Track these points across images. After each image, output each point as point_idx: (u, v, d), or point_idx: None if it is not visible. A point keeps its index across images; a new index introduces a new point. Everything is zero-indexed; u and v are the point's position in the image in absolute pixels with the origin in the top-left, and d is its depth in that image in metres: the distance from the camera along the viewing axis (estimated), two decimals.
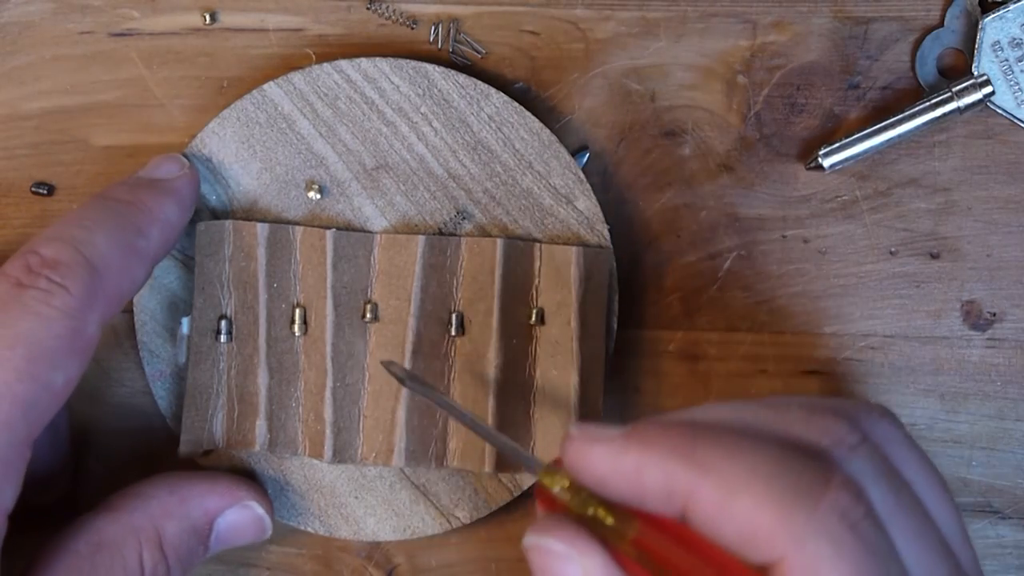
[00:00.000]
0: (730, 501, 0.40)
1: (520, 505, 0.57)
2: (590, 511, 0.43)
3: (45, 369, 0.46)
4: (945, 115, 0.55)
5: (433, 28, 0.57)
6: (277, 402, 0.55)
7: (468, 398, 0.55)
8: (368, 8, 0.57)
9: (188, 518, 0.52)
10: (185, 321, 0.55)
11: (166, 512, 0.51)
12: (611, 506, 0.43)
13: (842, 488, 0.40)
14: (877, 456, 0.43)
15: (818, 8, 0.57)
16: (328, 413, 0.55)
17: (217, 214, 0.55)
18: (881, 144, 0.55)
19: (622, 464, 0.42)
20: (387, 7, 0.57)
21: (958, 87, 0.55)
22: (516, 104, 0.55)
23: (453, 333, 0.55)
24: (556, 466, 0.44)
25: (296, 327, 0.55)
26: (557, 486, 0.44)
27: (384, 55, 0.56)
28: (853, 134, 0.55)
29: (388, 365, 0.53)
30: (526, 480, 0.55)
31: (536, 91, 0.57)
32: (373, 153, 0.55)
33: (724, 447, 0.41)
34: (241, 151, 0.55)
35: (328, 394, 0.55)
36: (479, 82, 0.55)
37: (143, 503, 0.51)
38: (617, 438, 0.42)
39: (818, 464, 0.41)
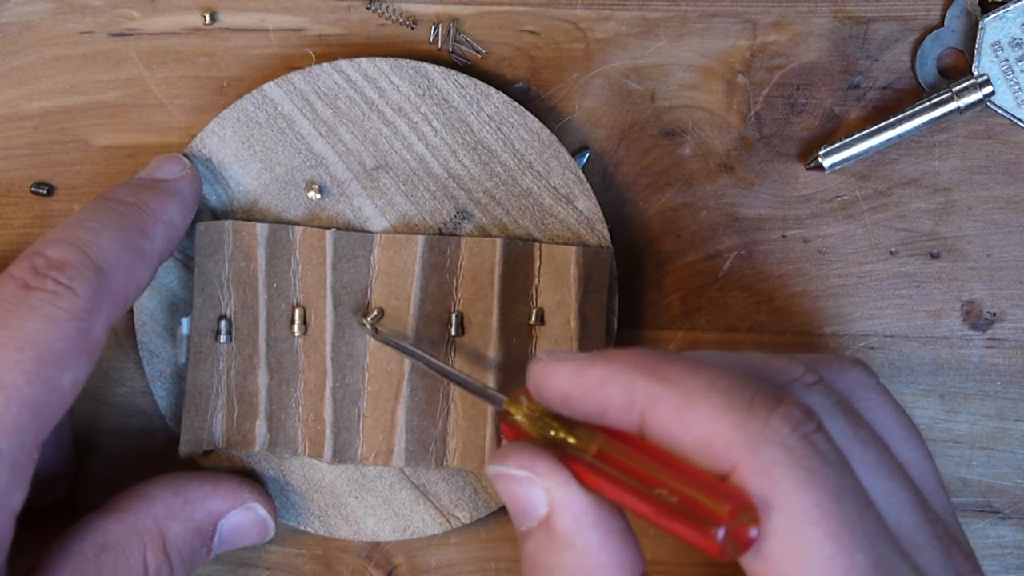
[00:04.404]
0: (688, 410, 0.41)
1: None
2: (552, 433, 0.44)
3: (54, 371, 0.46)
4: (945, 115, 0.55)
5: (433, 28, 0.57)
6: (277, 402, 0.55)
7: (468, 398, 0.55)
8: (368, 8, 0.57)
9: (192, 520, 0.52)
10: (185, 321, 0.55)
11: (170, 514, 0.51)
12: (573, 428, 0.44)
13: (794, 405, 0.41)
14: (834, 395, 0.44)
15: (818, 8, 0.57)
16: (328, 413, 0.55)
17: (217, 214, 0.55)
18: (881, 144, 0.56)
19: (586, 378, 0.43)
20: (387, 7, 0.57)
21: (958, 87, 0.55)
22: (516, 104, 0.55)
23: (453, 333, 0.55)
24: (520, 396, 0.46)
25: (296, 327, 0.55)
26: (520, 414, 0.45)
27: (384, 55, 0.55)
28: (853, 134, 0.55)
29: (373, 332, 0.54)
30: None
31: (536, 91, 0.57)
32: (373, 153, 0.55)
33: (685, 365, 0.42)
34: (241, 151, 0.55)
35: (328, 394, 0.55)
36: (479, 82, 0.55)
37: (147, 504, 0.51)
38: (582, 357, 0.44)
39: (772, 387, 0.42)
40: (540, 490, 0.44)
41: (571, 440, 0.44)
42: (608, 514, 0.44)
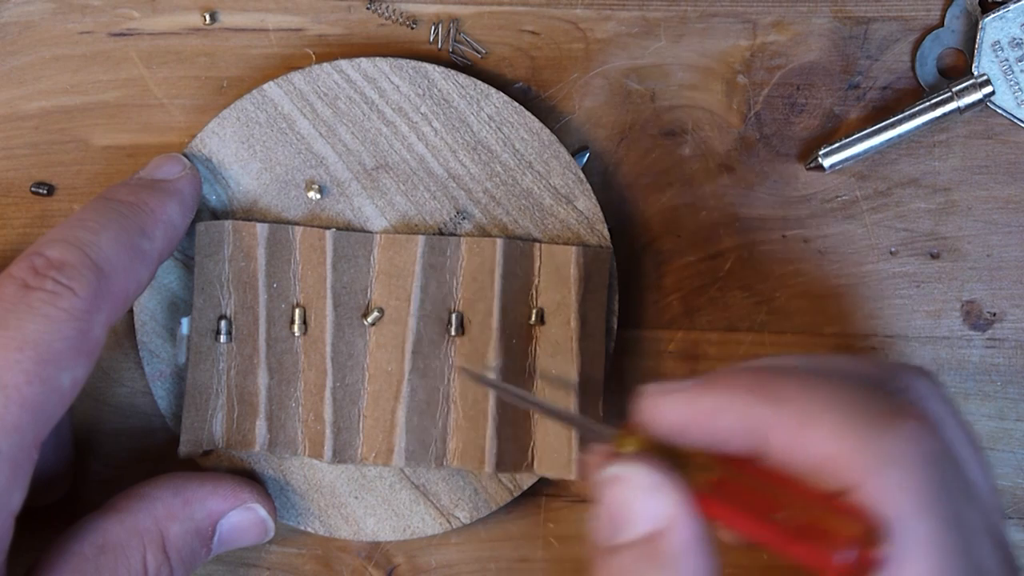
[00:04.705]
0: (806, 430, 0.40)
1: (520, 505, 0.57)
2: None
3: (53, 371, 0.46)
4: (945, 115, 0.55)
5: (433, 28, 0.57)
6: (277, 402, 0.55)
7: (468, 398, 0.55)
8: (368, 8, 0.57)
9: (191, 520, 0.52)
10: (185, 321, 0.55)
11: (170, 514, 0.51)
12: (687, 457, 0.43)
13: (916, 419, 0.40)
14: (944, 405, 0.44)
15: (818, 8, 0.57)
16: (328, 413, 0.55)
17: (217, 214, 0.55)
18: (881, 144, 0.56)
19: (698, 408, 0.42)
20: (387, 7, 0.57)
21: (958, 87, 0.55)
22: (516, 104, 0.55)
23: (453, 333, 0.55)
24: (629, 430, 0.44)
25: (296, 327, 0.55)
26: (633, 447, 0.44)
27: (384, 55, 0.56)
28: (853, 134, 0.56)
29: (464, 371, 0.54)
30: (526, 480, 0.55)
31: (536, 91, 0.57)
32: (373, 153, 0.55)
33: (797, 383, 0.42)
34: (241, 151, 0.55)
35: (328, 394, 0.55)
36: (479, 82, 0.55)
37: (147, 505, 0.51)
38: (691, 386, 0.43)
39: (891, 398, 0.42)
40: (658, 504, 0.42)
41: (687, 469, 0.43)
42: (713, 551, 0.43)
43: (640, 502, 0.43)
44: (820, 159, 0.55)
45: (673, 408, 0.43)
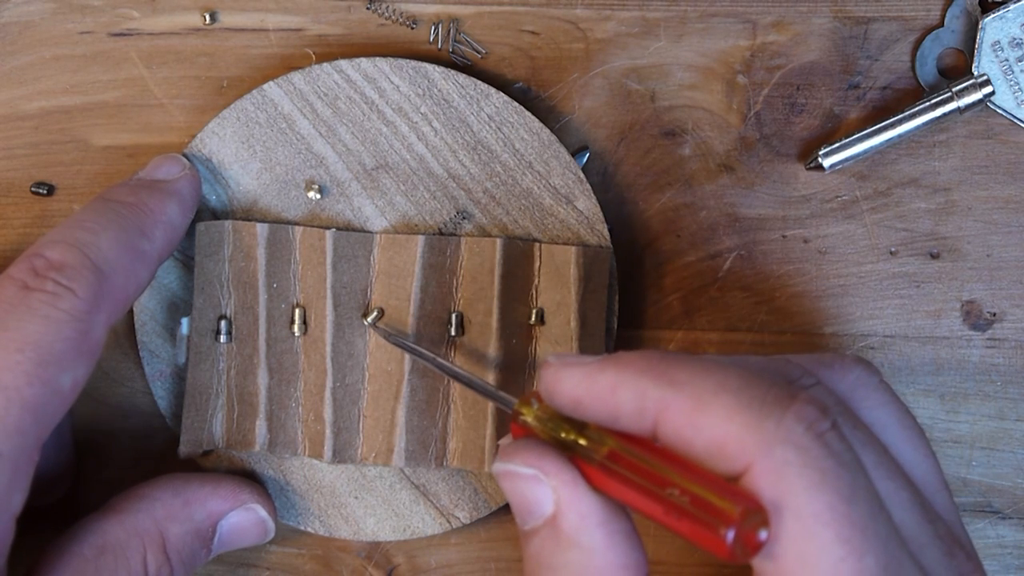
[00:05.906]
0: (700, 412, 0.41)
1: None
2: (562, 435, 0.44)
3: (54, 372, 0.46)
4: (945, 115, 0.55)
5: (433, 28, 0.57)
6: (277, 402, 0.55)
7: (468, 398, 0.55)
8: (368, 8, 0.57)
9: (191, 520, 0.52)
10: (185, 321, 0.55)
11: (170, 515, 0.51)
12: (584, 429, 0.44)
13: (808, 402, 0.41)
14: (831, 396, 0.44)
15: (818, 8, 0.57)
16: (328, 413, 0.55)
17: (217, 214, 0.55)
18: (881, 144, 0.56)
19: (597, 384, 0.43)
20: (387, 7, 0.57)
21: (958, 87, 0.55)
22: (516, 104, 0.55)
23: (453, 333, 0.55)
24: (531, 398, 0.45)
25: (296, 327, 0.55)
26: (531, 416, 0.45)
27: (384, 55, 0.56)
28: (853, 134, 0.55)
29: (377, 330, 0.54)
30: None
31: (536, 91, 0.57)
32: (373, 153, 0.55)
33: (693, 367, 0.42)
34: (241, 151, 0.55)
35: (328, 394, 0.55)
36: (479, 82, 0.55)
37: (147, 505, 0.51)
38: (593, 361, 0.43)
39: (785, 385, 0.42)
40: (546, 489, 0.43)
41: (582, 442, 0.44)
42: (614, 515, 0.44)
43: (530, 492, 0.44)
44: (820, 159, 0.55)
45: (572, 382, 0.43)
